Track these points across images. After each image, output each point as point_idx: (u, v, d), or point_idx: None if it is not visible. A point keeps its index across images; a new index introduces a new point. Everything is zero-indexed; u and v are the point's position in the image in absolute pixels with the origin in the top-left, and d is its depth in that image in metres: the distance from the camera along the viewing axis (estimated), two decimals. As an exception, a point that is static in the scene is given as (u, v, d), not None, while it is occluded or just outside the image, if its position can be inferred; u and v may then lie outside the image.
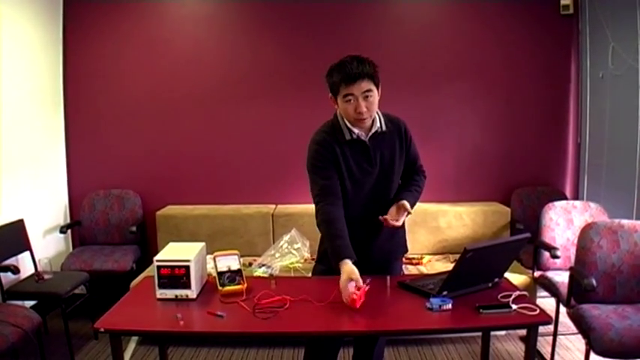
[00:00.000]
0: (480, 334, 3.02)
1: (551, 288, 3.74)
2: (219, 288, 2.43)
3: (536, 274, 4.00)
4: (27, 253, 4.23)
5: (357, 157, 2.58)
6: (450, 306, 2.20)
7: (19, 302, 3.77)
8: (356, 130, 2.55)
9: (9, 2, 4.23)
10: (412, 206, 2.65)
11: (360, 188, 2.60)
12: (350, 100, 2.45)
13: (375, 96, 2.49)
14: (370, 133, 2.58)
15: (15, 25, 4.33)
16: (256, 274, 4.00)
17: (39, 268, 4.26)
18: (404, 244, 2.92)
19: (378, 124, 2.60)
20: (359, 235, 2.55)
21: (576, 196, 5.06)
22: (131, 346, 4.01)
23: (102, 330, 2.11)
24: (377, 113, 2.61)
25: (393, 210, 2.61)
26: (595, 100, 4.82)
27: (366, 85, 2.44)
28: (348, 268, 2.30)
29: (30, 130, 4.56)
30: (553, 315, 3.64)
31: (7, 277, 3.83)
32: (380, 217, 2.56)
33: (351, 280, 2.25)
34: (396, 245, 2.83)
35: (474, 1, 5.00)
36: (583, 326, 3.02)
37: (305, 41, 5.00)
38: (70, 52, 5.04)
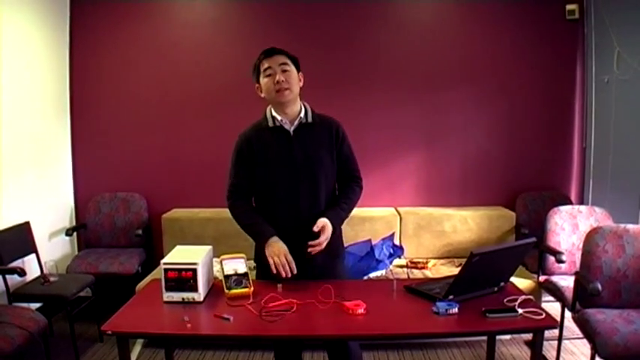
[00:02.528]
0: (485, 338, 3.02)
1: (557, 292, 3.75)
2: (226, 291, 2.43)
3: (542, 278, 4.01)
4: (33, 256, 4.25)
5: (277, 144, 2.64)
6: (456, 310, 2.21)
7: (25, 304, 3.78)
8: (279, 117, 2.65)
9: (14, 3, 4.25)
10: (337, 222, 2.64)
11: (279, 178, 2.63)
12: (270, 75, 2.59)
13: (293, 71, 2.64)
14: (295, 124, 2.65)
15: (20, 26, 4.36)
16: (261, 277, 4.00)
17: (45, 271, 4.28)
18: (340, 243, 2.82)
19: (303, 114, 2.67)
20: (292, 233, 2.59)
21: (581, 201, 5.06)
22: (136, 348, 4.01)
23: (109, 332, 2.10)
24: (305, 106, 2.71)
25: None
26: (600, 104, 4.83)
27: (283, 59, 2.61)
28: (281, 245, 2.53)
29: (36, 133, 4.59)
30: (558, 319, 3.64)
31: (13, 280, 3.85)
32: (308, 245, 2.52)
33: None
34: (334, 243, 2.66)
35: (478, 5, 5.01)
36: (588, 331, 3.03)
37: (311, 45, 5.01)
38: (77, 55, 5.07)
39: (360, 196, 2.81)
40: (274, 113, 2.67)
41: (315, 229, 2.51)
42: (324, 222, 2.54)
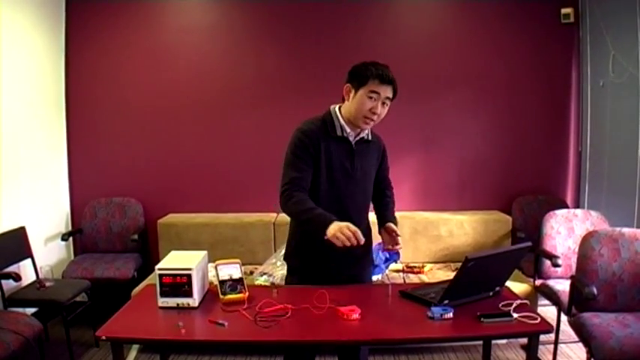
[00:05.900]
0: (481, 342, 3.02)
1: (552, 296, 3.75)
2: (221, 296, 2.43)
3: (538, 282, 4.01)
4: (28, 261, 4.24)
5: (341, 155, 2.62)
6: (451, 315, 2.20)
7: (21, 309, 3.76)
8: (348, 130, 2.61)
9: (10, 5, 4.24)
10: (396, 225, 2.72)
11: (336, 188, 2.61)
12: (372, 98, 2.51)
13: (387, 107, 2.59)
14: (357, 138, 2.65)
15: (17, 29, 4.35)
16: (258, 282, 4.00)
17: (40, 276, 4.27)
18: (371, 255, 2.93)
19: (366, 132, 2.68)
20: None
21: (577, 205, 5.07)
22: (132, 354, 4.00)
23: (103, 338, 2.10)
24: None
25: (385, 237, 2.71)
26: (596, 108, 4.84)
27: (390, 93, 2.56)
28: (341, 223, 2.35)
29: (32, 137, 4.57)
30: (554, 323, 3.64)
31: (9, 285, 3.84)
32: (385, 249, 2.72)
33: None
34: (368, 254, 2.84)
35: (474, 9, 5.03)
36: (584, 334, 3.03)
37: (308, 48, 5.02)
38: (73, 59, 5.06)
39: None
40: (343, 122, 2.61)
41: (400, 235, 2.65)
42: (393, 228, 2.67)
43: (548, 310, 4.02)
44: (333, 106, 2.67)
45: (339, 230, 2.30)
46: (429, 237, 4.81)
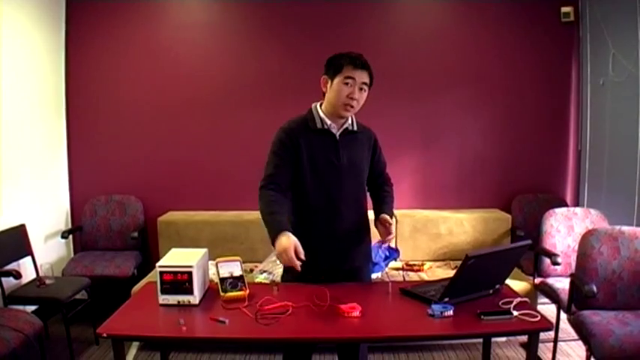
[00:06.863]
0: (480, 340, 3.02)
1: (552, 294, 3.75)
2: (222, 294, 2.43)
3: (537, 280, 4.01)
4: (28, 258, 4.24)
5: (324, 147, 2.62)
6: (451, 312, 2.21)
7: (21, 307, 3.76)
8: (328, 121, 2.62)
9: (11, 4, 4.24)
10: (391, 216, 2.72)
11: (322, 180, 2.61)
12: (348, 84, 2.54)
13: (366, 93, 2.61)
14: (341, 129, 2.65)
15: (17, 27, 4.35)
16: (258, 280, 4.00)
17: (40, 273, 4.27)
18: (370, 252, 2.92)
19: (350, 122, 2.69)
20: (332, 237, 2.59)
21: (577, 203, 5.08)
22: (132, 351, 4.00)
23: (104, 335, 2.10)
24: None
25: (380, 228, 2.68)
26: (595, 106, 4.84)
27: (366, 78, 2.58)
28: (286, 239, 2.36)
29: (32, 135, 4.58)
30: (554, 321, 3.64)
31: (9, 282, 3.85)
32: (378, 242, 2.73)
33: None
34: (365, 250, 2.83)
35: (474, 8, 5.03)
36: (584, 332, 3.03)
37: (307, 47, 5.01)
38: (73, 57, 5.06)
39: None
40: (323, 115, 2.64)
41: (392, 224, 2.64)
42: (387, 219, 2.66)
43: (547, 308, 4.02)
44: (314, 103, 2.71)
45: (283, 252, 2.34)
46: (429, 235, 4.82)
